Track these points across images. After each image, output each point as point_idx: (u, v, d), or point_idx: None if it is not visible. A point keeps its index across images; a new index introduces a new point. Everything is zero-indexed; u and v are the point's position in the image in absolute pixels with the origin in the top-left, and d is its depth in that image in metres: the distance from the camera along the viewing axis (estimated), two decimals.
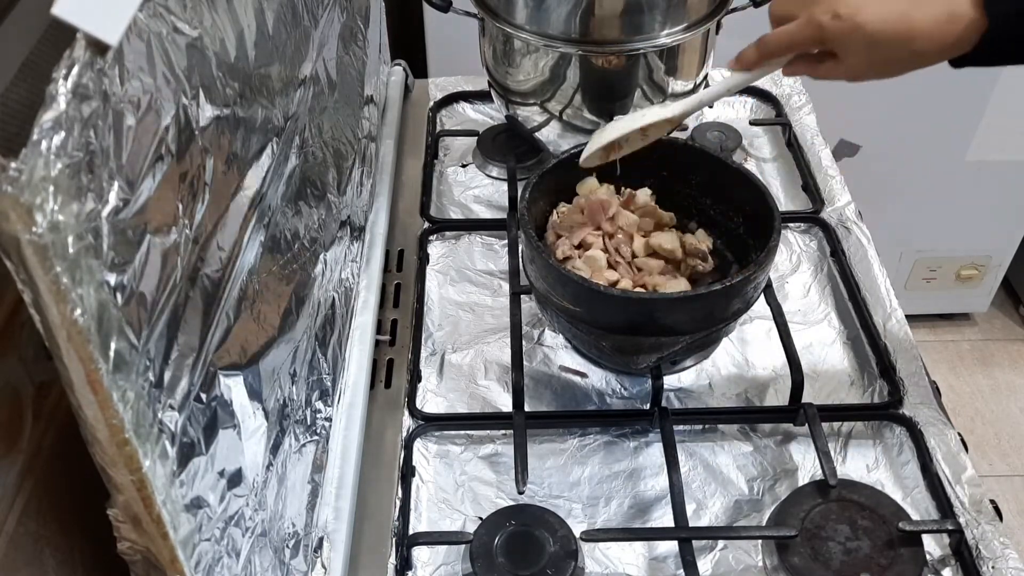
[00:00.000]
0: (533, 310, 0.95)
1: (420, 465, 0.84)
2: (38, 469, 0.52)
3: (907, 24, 0.67)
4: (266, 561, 0.63)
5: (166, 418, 0.46)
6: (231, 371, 0.56)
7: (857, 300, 0.97)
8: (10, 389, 0.50)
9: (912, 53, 0.68)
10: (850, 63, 0.71)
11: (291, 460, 0.69)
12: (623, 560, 0.77)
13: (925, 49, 0.68)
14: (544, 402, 0.89)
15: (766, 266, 0.82)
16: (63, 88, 0.36)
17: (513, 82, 1.08)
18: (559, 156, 0.93)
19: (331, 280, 0.83)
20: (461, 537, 0.77)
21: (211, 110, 0.53)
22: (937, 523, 0.78)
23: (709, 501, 0.81)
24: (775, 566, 0.75)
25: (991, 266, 1.98)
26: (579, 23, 0.99)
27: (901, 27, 0.67)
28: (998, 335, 2.13)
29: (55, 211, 0.35)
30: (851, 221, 1.06)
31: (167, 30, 0.47)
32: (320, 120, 0.82)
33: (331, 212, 0.84)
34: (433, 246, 1.07)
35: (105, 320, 0.40)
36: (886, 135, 1.71)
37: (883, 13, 0.68)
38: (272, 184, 0.65)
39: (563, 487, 0.82)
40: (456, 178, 1.17)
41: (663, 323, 0.80)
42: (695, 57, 1.05)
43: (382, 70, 1.18)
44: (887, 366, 0.90)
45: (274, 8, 0.67)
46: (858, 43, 0.69)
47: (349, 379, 0.86)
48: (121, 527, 0.48)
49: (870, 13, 0.68)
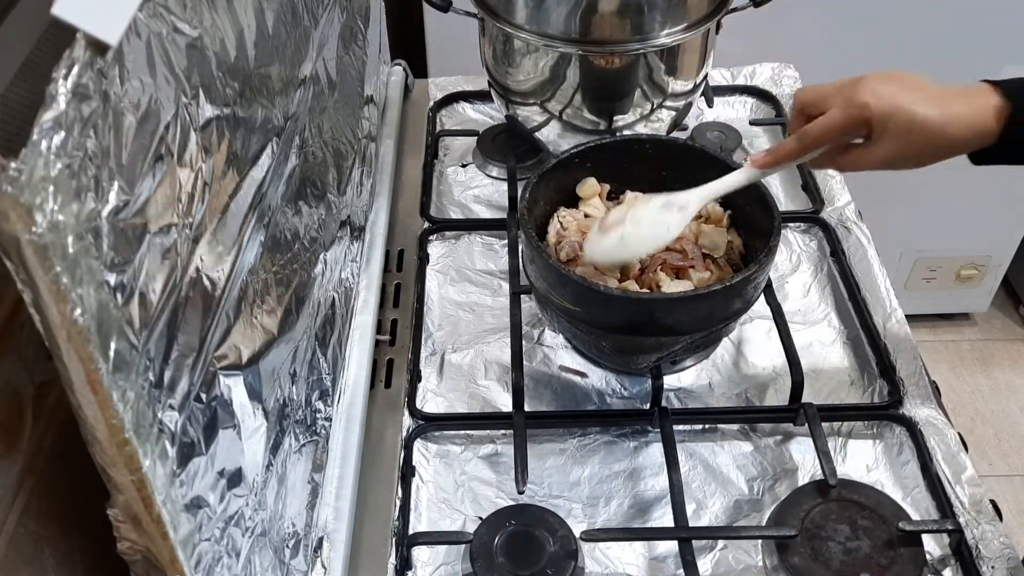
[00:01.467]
0: (533, 310, 0.95)
1: (420, 465, 0.84)
2: (38, 469, 0.52)
3: (942, 110, 0.70)
4: (266, 561, 0.63)
5: (166, 418, 0.46)
6: (231, 371, 0.56)
7: (857, 300, 0.97)
8: (10, 389, 0.50)
9: (945, 140, 0.70)
10: (885, 147, 0.72)
11: (291, 460, 0.69)
12: (623, 560, 0.77)
13: (958, 136, 0.70)
14: (544, 402, 0.89)
15: (766, 266, 0.82)
16: (63, 88, 0.36)
17: (513, 82, 1.08)
18: (559, 156, 0.93)
19: (331, 280, 0.83)
20: (461, 537, 0.77)
21: (211, 110, 0.53)
22: (937, 523, 0.78)
23: (709, 501, 0.81)
24: (775, 566, 0.75)
25: (991, 266, 1.98)
26: (579, 23, 0.99)
27: (938, 110, 0.70)
28: (998, 335, 2.13)
29: (55, 211, 0.35)
30: (851, 221, 1.06)
31: (167, 30, 0.47)
32: (320, 120, 0.82)
33: (331, 212, 0.84)
34: (433, 246, 1.07)
35: (105, 320, 0.40)
36: None
37: (920, 97, 0.70)
38: (272, 184, 0.65)
39: (563, 487, 0.82)
40: (456, 178, 1.17)
41: (663, 323, 0.80)
42: (695, 57, 1.05)
43: (382, 70, 1.18)
44: (887, 366, 0.90)
45: (274, 8, 0.67)
46: (899, 123, 0.70)
47: (349, 379, 0.86)
48: (121, 527, 0.48)
49: (908, 98, 0.70)
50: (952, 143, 0.71)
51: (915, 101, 0.70)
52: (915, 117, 0.70)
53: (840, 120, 0.73)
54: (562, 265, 0.82)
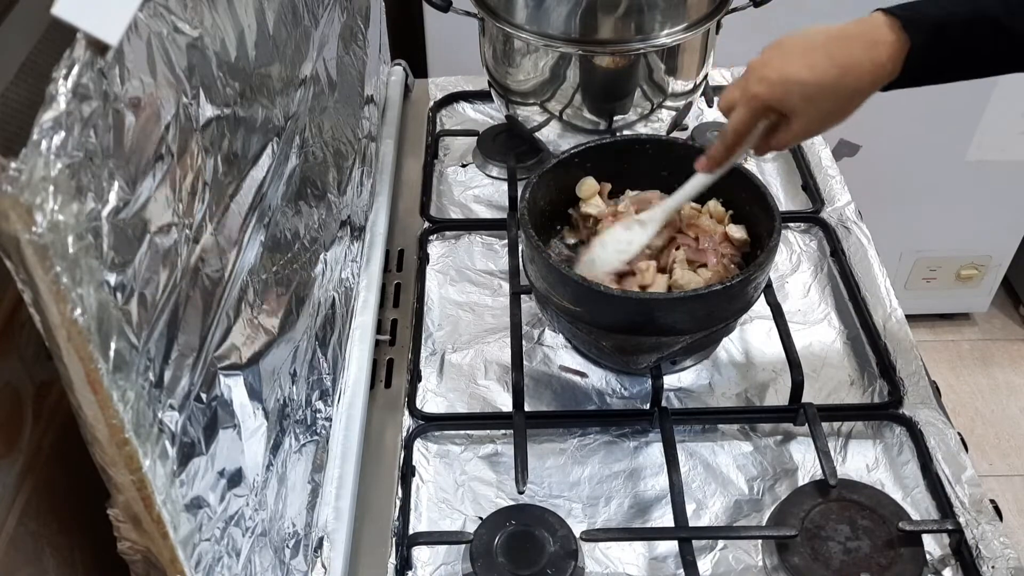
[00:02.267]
0: (533, 310, 0.95)
1: (420, 465, 0.84)
2: (38, 469, 0.52)
3: (836, 63, 0.69)
4: (266, 561, 0.63)
5: (166, 418, 0.46)
6: (231, 371, 0.56)
7: (857, 300, 0.97)
8: (10, 389, 0.50)
9: (848, 91, 0.70)
10: (798, 122, 0.73)
11: (291, 460, 0.69)
12: (623, 560, 0.77)
13: (858, 83, 0.70)
14: (544, 402, 0.89)
15: (766, 266, 0.82)
16: (63, 88, 0.36)
17: (513, 82, 1.08)
18: (559, 156, 0.93)
19: (331, 280, 0.83)
20: (461, 537, 0.77)
21: (211, 110, 0.53)
22: (937, 523, 0.78)
23: (709, 501, 0.81)
24: (775, 566, 0.75)
25: (991, 266, 1.98)
26: (579, 23, 0.99)
27: (832, 68, 0.69)
28: (998, 335, 2.13)
29: (55, 211, 0.35)
30: (851, 221, 1.06)
31: (167, 30, 0.47)
32: (320, 120, 0.82)
33: (331, 212, 0.84)
34: (433, 246, 1.07)
35: (105, 320, 0.40)
36: (886, 135, 1.71)
37: (810, 62, 0.70)
38: (272, 184, 0.65)
39: (563, 487, 0.82)
40: (456, 178, 1.17)
41: (663, 323, 0.80)
42: (695, 57, 1.05)
43: (382, 70, 1.18)
44: (887, 366, 0.90)
45: (274, 8, 0.67)
46: (797, 99, 0.71)
47: (349, 379, 0.86)
48: (121, 527, 0.48)
49: (798, 67, 0.70)
50: (855, 90, 0.70)
51: (803, 69, 0.70)
52: (808, 86, 0.70)
53: (745, 117, 0.74)
54: (562, 265, 0.82)
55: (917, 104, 1.67)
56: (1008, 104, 1.68)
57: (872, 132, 1.71)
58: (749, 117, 0.74)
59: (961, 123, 1.72)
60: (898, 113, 1.68)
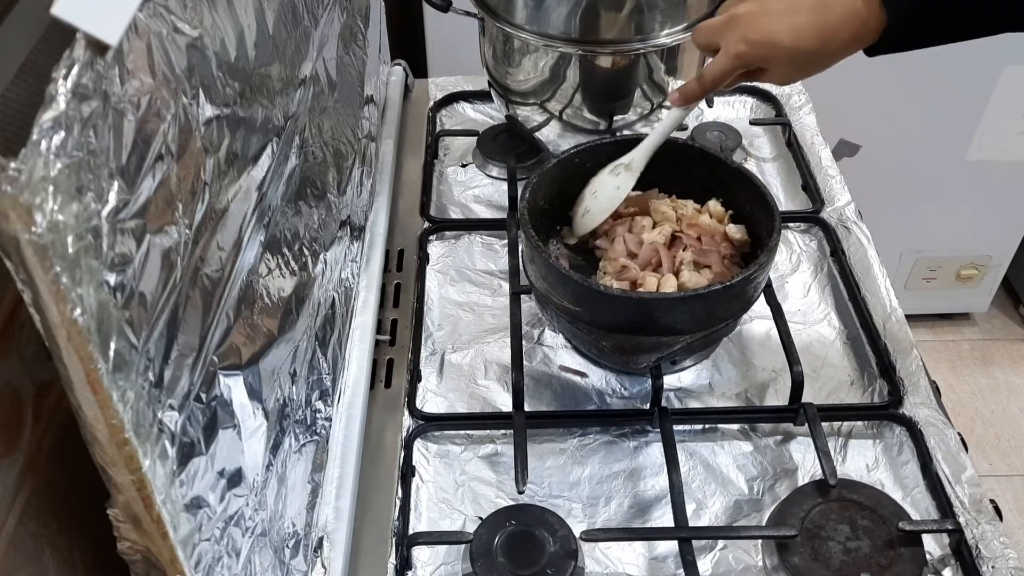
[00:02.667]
0: (533, 310, 0.95)
1: (420, 465, 0.84)
2: (38, 469, 0.52)
3: (819, 30, 0.72)
4: (266, 561, 0.63)
5: (166, 418, 0.46)
6: (231, 371, 0.56)
7: (857, 300, 0.97)
8: (10, 389, 0.50)
9: (828, 53, 0.73)
10: (776, 73, 0.77)
11: (291, 460, 0.69)
12: (623, 560, 0.77)
13: (838, 47, 0.72)
14: (544, 402, 0.89)
15: (766, 266, 0.82)
16: (63, 88, 0.36)
17: (513, 82, 1.08)
18: (559, 156, 0.93)
19: (331, 280, 0.83)
20: (461, 537, 0.77)
21: (211, 110, 0.53)
22: (937, 523, 0.78)
23: (709, 501, 0.81)
24: (775, 566, 0.75)
25: (991, 266, 1.98)
26: (579, 23, 0.99)
27: (815, 35, 0.72)
28: (998, 335, 2.13)
29: (55, 211, 0.35)
30: (851, 221, 1.06)
31: (167, 30, 0.47)
32: (320, 120, 0.82)
33: (331, 212, 0.84)
34: (433, 246, 1.07)
35: (105, 320, 0.40)
36: (886, 135, 1.71)
37: (794, 26, 0.72)
38: (272, 184, 0.65)
39: (563, 487, 0.82)
40: (456, 178, 1.17)
41: (663, 323, 0.80)
42: (695, 57, 1.05)
43: (382, 70, 1.18)
44: (887, 366, 0.90)
45: (274, 8, 0.67)
46: (779, 58, 0.74)
47: (349, 379, 0.86)
48: (121, 527, 0.48)
49: (782, 31, 0.73)
50: (837, 52, 0.73)
51: (787, 33, 0.72)
52: (793, 50, 0.73)
53: (726, 67, 0.77)
54: (562, 265, 0.82)
55: (917, 104, 1.67)
56: (1008, 104, 1.68)
57: (872, 132, 1.71)
58: (731, 68, 0.77)
59: (961, 123, 1.72)
60: (898, 113, 1.68)
